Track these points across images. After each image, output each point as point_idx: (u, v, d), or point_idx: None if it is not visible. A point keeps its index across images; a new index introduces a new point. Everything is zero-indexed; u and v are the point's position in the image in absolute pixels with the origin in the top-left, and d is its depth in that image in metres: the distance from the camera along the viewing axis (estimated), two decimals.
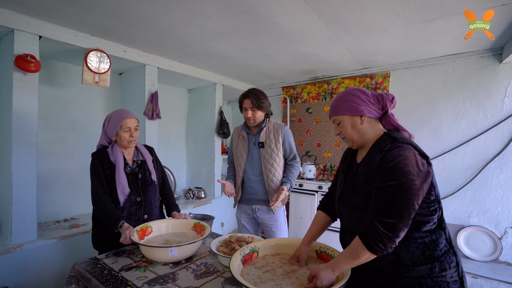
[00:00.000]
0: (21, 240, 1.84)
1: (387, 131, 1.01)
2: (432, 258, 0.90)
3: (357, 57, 2.72)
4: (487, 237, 2.46)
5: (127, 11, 1.80)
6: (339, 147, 3.40)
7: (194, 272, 1.26)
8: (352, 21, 1.92)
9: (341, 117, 1.04)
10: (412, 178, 0.84)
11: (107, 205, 1.46)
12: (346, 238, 1.07)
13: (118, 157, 1.54)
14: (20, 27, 1.83)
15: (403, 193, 0.84)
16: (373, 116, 1.02)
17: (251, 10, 1.77)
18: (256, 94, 1.87)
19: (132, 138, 1.57)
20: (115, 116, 1.57)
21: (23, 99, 1.85)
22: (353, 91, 1.03)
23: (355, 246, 0.89)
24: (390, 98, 1.01)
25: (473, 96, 2.56)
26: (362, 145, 1.05)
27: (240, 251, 1.20)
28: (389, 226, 0.83)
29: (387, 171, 0.87)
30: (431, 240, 0.91)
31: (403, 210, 0.84)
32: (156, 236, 1.54)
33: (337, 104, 1.05)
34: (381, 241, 0.84)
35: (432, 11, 1.76)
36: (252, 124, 1.92)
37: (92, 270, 1.27)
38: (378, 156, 0.92)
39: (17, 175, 1.83)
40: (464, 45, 2.36)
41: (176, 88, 3.61)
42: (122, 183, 1.51)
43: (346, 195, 1.05)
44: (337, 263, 0.92)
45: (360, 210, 0.96)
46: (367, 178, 0.95)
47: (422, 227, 0.90)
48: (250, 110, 1.87)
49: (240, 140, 1.99)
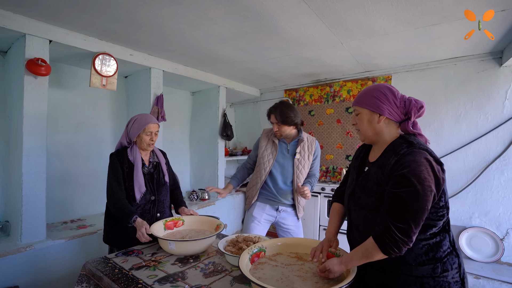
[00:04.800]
0: (31, 240, 1.88)
1: (403, 134, 1.02)
2: (434, 259, 0.92)
3: (359, 60, 2.77)
4: (489, 238, 2.48)
5: (136, 16, 1.85)
6: (341, 149, 3.43)
7: (202, 271, 1.29)
8: (355, 26, 1.96)
9: (361, 109, 1.04)
10: (427, 184, 0.86)
11: (122, 200, 1.54)
12: (353, 234, 1.09)
13: (137, 158, 1.64)
14: (32, 32, 1.88)
15: (419, 199, 0.86)
16: (393, 118, 1.00)
17: (256, 15, 1.81)
18: (282, 109, 1.89)
19: (152, 141, 1.67)
20: (140, 119, 1.66)
21: (34, 102, 1.89)
22: (382, 87, 1.01)
23: (369, 248, 0.91)
24: (418, 107, 0.98)
25: (473, 99, 2.60)
26: (375, 142, 1.06)
27: (248, 250, 1.22)
28: (405, 231, 0.85)
29: (403, 177, 0.88)
30: (435, 242, 0.93)
31: (418, 216, 0.86)
32: (183, 230, 1.68)
33: (362, 96, 1.05)
34: (396, 246, 0.86)
35: (433, 16, 1.80)
36: (280, 137, 1.96)
37: (103, 269, 1.30)
38: (393, 159, 0.92)
39: (28, 176, 1.86)
40: (464, 48, 2.40)
41: (180, 91, 3.65)
42: (139, 181, 1.60)
43: (356, 194, 1.06)
44: (350, 260, 0.96)
45: (369, 209, 0.99)
46: (379, 179, 0.96)
47: (428, 230, 0.93)
48: (276, 125, 1.91)
49: (270, 145, 2.01)
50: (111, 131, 2.89)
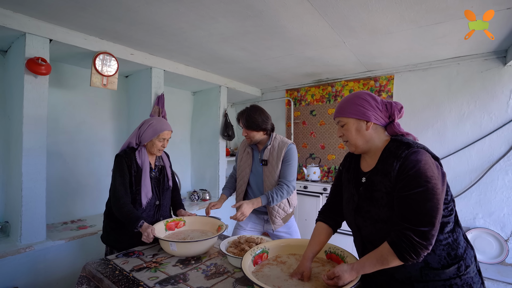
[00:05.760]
0: (31, 241, 1.86)
1: (394, 137, 1.00)
2: (457, 257, 0.91)
3: (362, 59, 2.74)
4: (493, 239, 2.46)
5: (138, 15, 1.83)
6: (343, 149, 3.41)
7: (204, 273, 1.27)
8: (358, 24, 1.94)
9: (347, 120, 1.01)
10: (435, 182, 0.84)
11: (128, 206, 1.51)
12: (367, 251, 1.00)
13: (146, 162, 1.61)
14: (32, 30, 1.86)
15: (431, 198, 0.83)
16: (379, 123, 1.00)
17: (259, 13, 1.80)
18: (249, 114, 1.77)
19: (163, 147, 1.66)
20: (156, 125, 1.62)
21: (34, 101, 1.88)
22: (362, 94, 1.01)
23: (384, 254, 0.87)
24: (399, 108, 1.00)
25: (477, 98, 2.57)
26: (365, 151, 1.03)
27: (251, 251, 1.20)
28: (423, 234, 0.82)
29: (411, 178, 0.86)
30: (453, 240, 0.92)
31: (434, 216, 0.83)
32: (184, 230, 1.67)
33: (344, 106, 1.03)
34: (414, 251, 0.82)
35: (437, 15, 1.78)
36: (250, 143, 1.87)
37: (103, 271, 1.29)
38: (397, 164, 0.90)
39: (27, 176, 1.85)
40: (468, 48, 2.38)
41: (181, 90, 3.64)
42: (147, 186, 1.59)
43: (363, 208, 1.00)
44: (363, 267, 0.91)
45: (384, 222, 0.94)
46: (388, 188, 0.93)
47: (444, 229, 0.91)
48: (244, 130, 1.82)
49: (245, 155, 1.96)
50: (112, 131, 2.87)
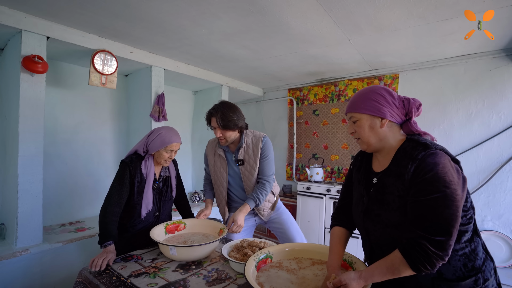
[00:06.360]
0: (27, 244, 1.81)
1: (410, 136, 0.94)
2: (474, 269, 0.84)
3: (366, 58, 2.68)
4: (502, 242, 2.39)
5: (137, 12, 1.78)
6: (347, 150, 3.35)
7: (205, 279, 1.22)
8: (364, 21, 1.89)
9: (360, 115, 0.95)
10: (455, 187, 0.78)
11: (111, 217, 1.45)
12: (376, 256, 0.96)
13: (151, 172, 1.57)
14: (28, 28, 1.81)
15: (449, 205, 0.77)
16: (394, 121, 0.93)
17: (261, 9, 1.74)
18: (223, 112, 1.61)
19: (170, 158, 1.61)
20: (164, 136, 1.55)
21: (30, 100, 1.83)
22: (378, 89, 0.95)
23: (395, 263, 0.81)
24: (417, 105, 0.93)
25: (485, 97, 2.51)
26: (379, 149, 0.97)
27: (254, 256, 1.15)
28: (439, 244, 0.75)
29: (427, 183, 0.79)
30: (471, 250, 0.85)
31: (451, 225, 0.76)
32: (184, 234, 1.61)
33: (358, 101, 0.96)
34: (429, 262, 0.76)
35: (447, 10, 1.72)
36: (225, 144, 1.70)
37: (100, 276, 1.23)
38: (412, 166, 0.84)
39: (24, 177, 1.80)
40: (476, 45, 2.32)
41: (181, 90, 3.59)
42: (148, 198, 1.55)
43: (373, 211, 0.95)
44: (371, 276, 0.85)
45: (395, 227, 0.88)
46: (400, 191, 0.87)
47: (462, 238, 0.84)
48: (218, 130, 1.64)
49: (217, 158, 1.80)
50: (111, 131, 2.82)
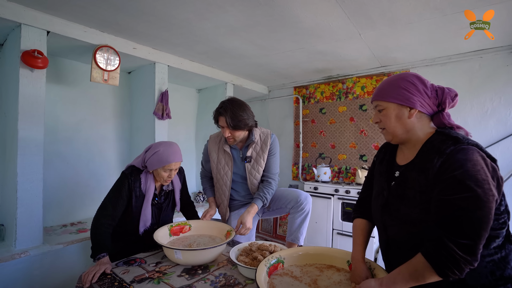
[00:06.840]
0: (26, 246, 1.74)
1: (440, 129, 0.86)
2: (503, 278, 0.76)
3: (376, 53, 2.59)
4: None
5: (140, 5, 1.71)
6: (355, 149, 3.26)
7: (213, 284, 1.14)
8: (377, 13, 1.80)
9: (387, 104, 0.88)
10: (488, 187, 0.70)
11: (104, 228, 1.37)
12: (391, 252, 0.92)
13: (150, 189, 1.49)
14: (28, 21, 1.75)
15: (481, 207, 0.70)
16: (425, 111, 0.86)
17: (270, 1, 1.66)
18: (233, 111, 1.54)
19: (170, 178, 1.51)
20: (162, 154, 1.44)
21: (30, 97, 1.76)
22: (409, 76, 0.87)
23: (419, 269, 0.74)
24: (452, 95, 0.86)
25: (502, 94, 2.40)
26: (405, 141, 0.91)
27: (265, 261, 1.08)
28: (468, 248, 0.69)
29: (456, 180, 0.72)
30: (500, 258, 0.77)
31: (482, 228, 0.70)
32: (190, 236, 1.55)
33: (385, 88, 0.89)
34: (457, 267, 0.69)
35: (465, 1, 1.62)
36: (233, 143, 1.66)
37: (101, 282, 1.16)
38: (438, 160, 0.77)
39: (23, 177, 1.73)
40: (492, 40, 2.21)
41: (185, 88, 3.52)
42: (146, 215, 1.48)
43: (393, 205, 0.89)
44: (393, 283, 0.78)
45: (413, 224, 0.82)
46: (422, 187, 0.80)
47: (491, 243, 0.77)
48: (227, 130, 1.58)
49: (222, 155, 1.73)
50: (113, 130, 2.75)
